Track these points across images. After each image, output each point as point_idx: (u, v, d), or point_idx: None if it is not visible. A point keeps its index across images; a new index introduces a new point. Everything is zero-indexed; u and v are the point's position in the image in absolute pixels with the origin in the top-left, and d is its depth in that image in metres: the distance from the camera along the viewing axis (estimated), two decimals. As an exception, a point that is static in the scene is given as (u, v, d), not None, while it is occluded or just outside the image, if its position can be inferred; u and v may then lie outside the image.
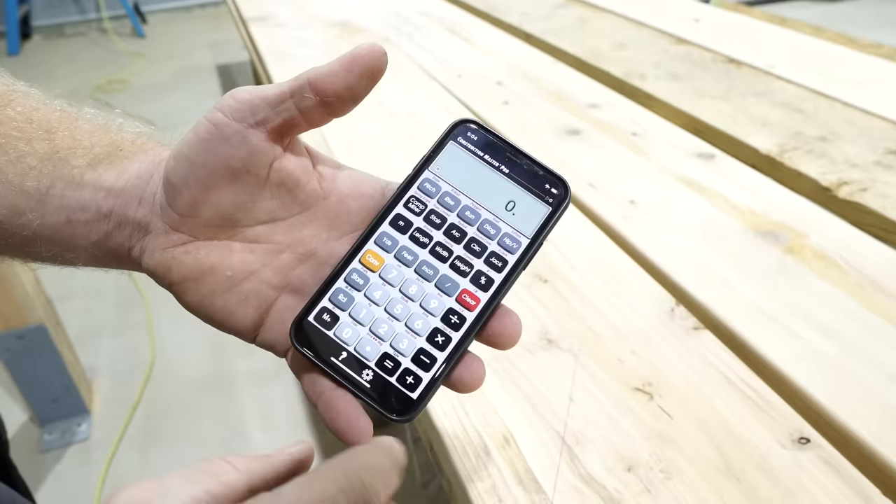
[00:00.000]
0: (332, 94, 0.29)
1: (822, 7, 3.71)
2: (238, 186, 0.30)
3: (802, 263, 0.60)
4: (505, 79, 1.05)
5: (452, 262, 0.31)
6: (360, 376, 0.29)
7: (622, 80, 1.04)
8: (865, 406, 0.46)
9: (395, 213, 0.32)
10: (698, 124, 0.89)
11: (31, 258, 0.34)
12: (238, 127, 0.29)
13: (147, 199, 0.31)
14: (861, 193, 0.71)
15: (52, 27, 4.03)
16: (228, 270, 0.31)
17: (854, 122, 0.86)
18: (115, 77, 3.19)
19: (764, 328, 0.53)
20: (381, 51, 0.29)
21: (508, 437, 0.45)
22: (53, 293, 1.36)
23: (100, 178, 0.32)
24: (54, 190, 0.31)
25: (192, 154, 0.29)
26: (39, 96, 0.34)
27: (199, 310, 0.31)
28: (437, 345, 0.30)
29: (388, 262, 0.31)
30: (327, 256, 0.32)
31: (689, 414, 0.46)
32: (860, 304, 0.55)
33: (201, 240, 0.31)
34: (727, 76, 1.02)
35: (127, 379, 1.46)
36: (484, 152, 0.33)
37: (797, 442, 0.44)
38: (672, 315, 0.55)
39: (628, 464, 0.43)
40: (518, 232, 0.32)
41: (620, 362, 0.51)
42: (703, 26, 1.24)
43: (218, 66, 3.30)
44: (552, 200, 0.32)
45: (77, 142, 0.32)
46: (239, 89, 0.30)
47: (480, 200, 0.32)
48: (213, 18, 4.07)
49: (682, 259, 0.62)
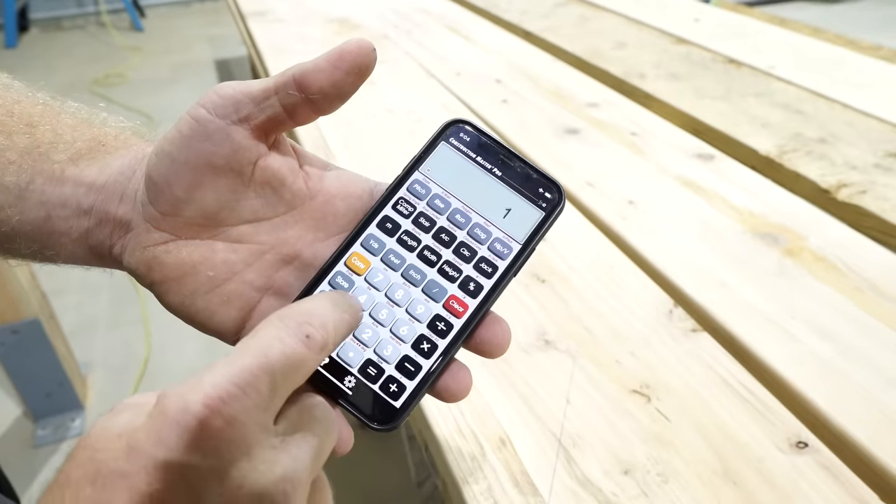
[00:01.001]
0: (318, 90, 0.28)
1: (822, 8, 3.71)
2: (221, 184, 0.29)
3: (801, 266, 0.60)
4: (504, 77, 1.05)
5: (440, 267, 0.30)
6: (342, 383, 0.28)
7: (622, 80, 1.03)
8: (863, 410, 0.46)
9: (383, 214, 0.31)
10: (698, 125, 0.89)
11: (10, 254, 0.33)
12: (221, 123, 0.28)
13: (129, 196, 0.31)
14: (860, 196, 0.70)
15: (49, 20, 4.01)
16: (210, 270, 0.30)
17: (854, 123, 0.86)
18: (113, 71, 3.18)
19: (762, 331, 0.53)
20: (369, 47, 0.29)
21: (504, 438, 0.45)
22: (48, 287, 1.35)
23: (81, 174, 0.31)
24: (34, 185, 0.31)
25: (175, 151, 0.29)
26: (22, 89, 0.34)
27: (180, 310, 0.31)
28: (423, 352, 0.29)
29: (374, 265, 0.30)
30: (312, 258, 0.31)
31: (686, 417, 0.46)
32: (859, 307, 0.55)
33: (183, 238, 0.30)
34: (727, 76, 1.02)
35: (122, 374, 1.45)
36: (476, 154, 0.32)
37: (795, 446, 0.44)
38: (670, 317, 0.54)
39: (625, 467, 0.43)
40: (509, 237, 0.31)
41: (618, 364, 0.50)
42: (704, 26, 1.24)
43: (216, 60, 3.29)
44: (546, 205, 0.31)
45: (59, 136, 0.32)
46: (222, 85, 0.29)
47: (471, 204, 0.31)
48: (211, 13, 4.06)
49: (680, 260, 0.61)
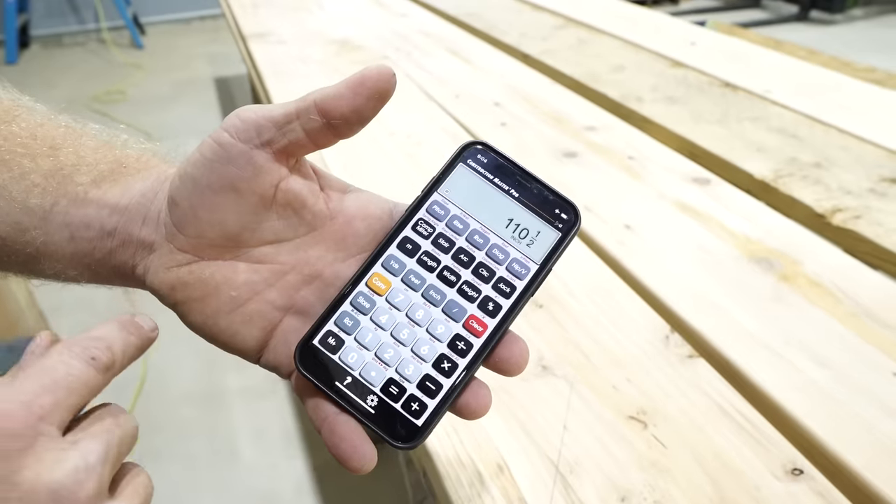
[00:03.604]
0: (339, 116, 0.29)
1: (817, 30, 3.75)
2: (243, 207, 0.30)
3: (797, 291, 0.60)
4: (503, 100, 1.06)
5: (460, 287, 0.31)
6: (364, 402, 0.29)
7: (619, 103, 1.04)
8: (858, 437, 0.46)
9: (403, 235, 0.31)
10: (694, 148, 0.90)
11: (34, 275, 0.34)
12: (243, 147, 0.29)
13: (151, 218, 0.31)
14: (855, 221, 0.71)
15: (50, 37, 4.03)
16: (233, 291, 0.31)
17: (849, 148, 0.87)
18: (113, 88, 3.19)
19: (758, 357, 0.53)
20: (389, 73, 0.29)
21: (502, 464, 0.45)
22: (46, 305, 1.35)
23: (104, 196, 0.32)
24: (58, 207, 0.31)
25: (197, 174, 0.29)
26: (44, 112, 0.34)
27: (203, 330, 0.31)
28: (444, 371, 0.29)
29: (395, 285, 0.31)
30: (333, 278, 0.32)
31: (683, 444, 0.46)
32: (855, 333, 0.56)
33: (206, 259, 0.31)
34: (724, 100, 1.03)
35: (117, 394, 1.45)
36: (494, 175, 0.33)
37: (791, 473, 0.44)
38: (667, 343, 0.55)
39: (622, 494, 0.43)
40: (527, 257, 0.31)
41: (615, 390, 0.51)
42: (700, 49, 1.26)
43: (216, 78, 3.31)
44: (562, 226, 0.32)
45: (81, 158, 0.32)
46: (245, 109, 0.30)
47: (489, 224, 0.32)
48: (211, 31, 4.09)
49: (677, 285, 0.62)
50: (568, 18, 1.49)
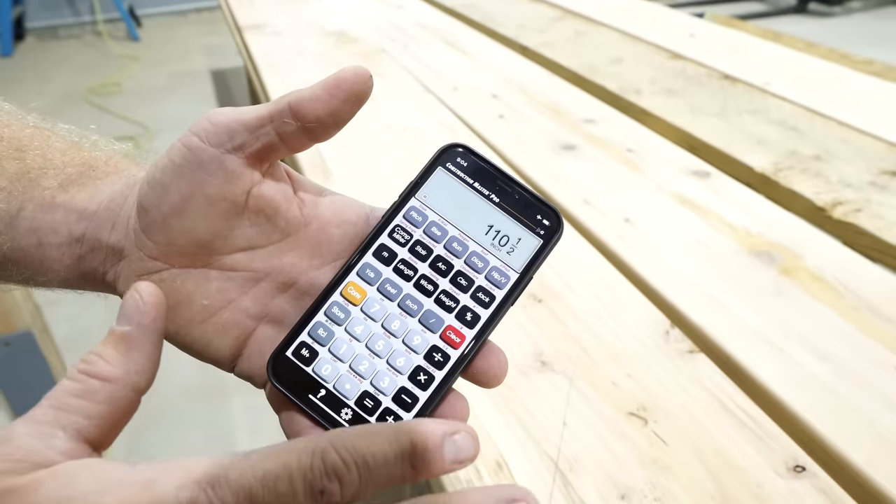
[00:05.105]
0: (314, 119, 0.28)
1: (815, 22, 3.74)
2: (214, 213, 0.29)
3: (798, 285, 0.60)
4: (500, 92, 1.05)
5: (438, 297, 0.30)
6: (338, 415, 0.28)
7: (618, 95, 1.03)
8: (859, 431, 0.46)
9: (379, 242, 0.30)
10: (693, 141, 0.89)
11: (2, 280, 0.32)
12: (214, 152, 0.28)
13: (121, 224, 0.30)
14: (855, 214, 0.70)
15: (45, 29, 4.01)
16: (205, 299, 0.30)
17: (849, 141, 0.86)
18: (109, 80, 3.18)
19: (759, 352, 0.53)
20: (366, 74, 0.28)
21: (501, 461, 0.45)
22: (42, 298, 1.34)
23: (72, 200, 0.31)
24: (25, 212, 0.30)
25: (166, 180, 0.28)
26: (12, 111, 0.33)
27: (176, 339, 0.30)
28: (420, 384, 0.29)
29: (370, 295, 0.30)
30: (308, 286, 0.31)
31: (684, 440, 0.46)
32: (856, 327, 0.55)
33: (177, 267, 0.30)
34: (722, 93, 1.02)
35: (115, 387, 1.44)
36: (474, 179, 0.31)
37: (793, 470, 0.44)
38: (667, 338, 0.54)
39: (622, 491, 0.42)
40: (507, 266, 0.30)
41: (615, 386, 0.50)
42: (699, 41, 1.25)
43: (212, 70, 3.29)
44: (544, 233, 0.31)
45: (49, 161, 0.31)
46: (215, 111, 0.28)
47: (468, 231, 0.31)
48: (208, 23, 4.07)
49: (677, 279, 0.61)
50: (566, 10, 1.48)
